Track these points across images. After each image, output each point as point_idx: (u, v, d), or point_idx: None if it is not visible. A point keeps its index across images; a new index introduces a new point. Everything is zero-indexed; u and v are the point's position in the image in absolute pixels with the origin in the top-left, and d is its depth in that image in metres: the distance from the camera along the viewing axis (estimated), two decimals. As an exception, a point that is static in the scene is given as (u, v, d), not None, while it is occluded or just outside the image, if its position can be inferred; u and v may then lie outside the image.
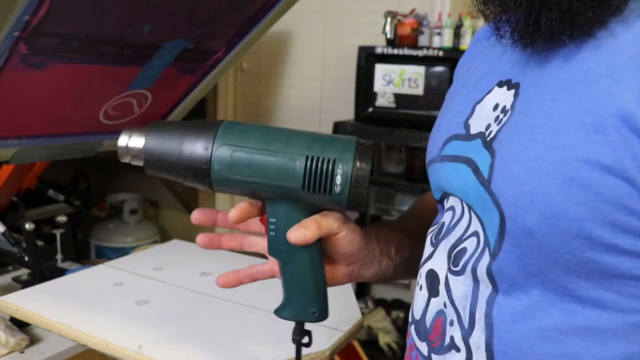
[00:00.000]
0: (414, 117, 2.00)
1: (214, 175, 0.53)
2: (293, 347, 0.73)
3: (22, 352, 0.92)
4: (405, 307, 2.31)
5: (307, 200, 0.53)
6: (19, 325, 0.95)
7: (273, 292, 0.92)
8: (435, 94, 1.97)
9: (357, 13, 2.41)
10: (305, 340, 0.59)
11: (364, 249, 0.60)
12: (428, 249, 0.57)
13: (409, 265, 0.65)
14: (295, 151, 0.52)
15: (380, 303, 2.33)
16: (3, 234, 1.14)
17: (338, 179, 0.52)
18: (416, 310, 0.56)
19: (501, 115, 0.49)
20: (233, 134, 0.53)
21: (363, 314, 1.83)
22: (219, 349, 0.74)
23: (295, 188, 0.52)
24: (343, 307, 0.88)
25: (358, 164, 0.52)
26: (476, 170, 0.49)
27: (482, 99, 0.53)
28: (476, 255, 0.49)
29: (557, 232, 0.42)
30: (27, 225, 1.12)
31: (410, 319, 0.58)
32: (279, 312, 0.58)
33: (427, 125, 2.12)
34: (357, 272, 0.62)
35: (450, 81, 0.74)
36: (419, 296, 0.56)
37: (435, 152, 0.57)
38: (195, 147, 0.53)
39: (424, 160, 0.66)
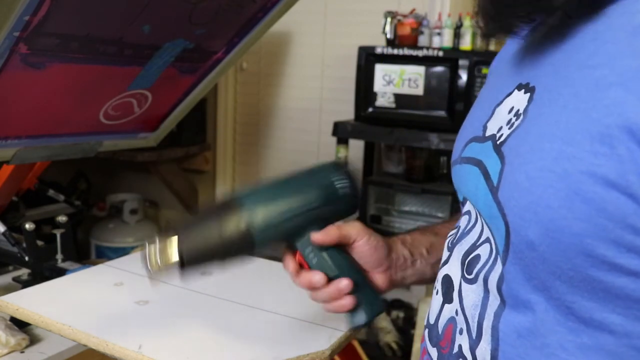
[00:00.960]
0: (414, 117, 2.00)
1: (258, 242, 0.61)
2: (293, 347, 0.73)
3: (22, 352, 0.92)
4: (405, 307, 2.31)
5: (326, 215, 0.64)
6: (19, 325, 0.95)
7: (273, 292, 0.92)
8: (435, 94, 1.97)
9: (357, 13, 2.41)
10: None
11: (390, 254, 0.66)
12: (445, 253, 0.58)
13: None
14: (303, 185, 0.64)
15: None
16: (3, 234, 1.14)
17: (338, 184, 0.64)
18: (431, 315, 0.57)
19: (514, 119, 0.47)
20: (255, 205, 0.61)
21: (363, 314, 1.83)
22: (219, 349, 0.74)
23: (317, 206, 0.63)
24: (343, 307, 0.88)
25: (345, 170, 0.66)
26: (486, 175, 0.48)
27: (502, 101, 0.51)
28: (489, 264, 0.48)
29: (560, 246, 0.40)
30: (27, 225, 1.12)
31: (425, 323, 0.59)
32: (354, 323, 0.66)
33: (427, 125, 2.14)
34: (394, 276, 0.67)
35: (451, 81, 0.83)
36: (435, 301, 0.57)
37: (457, 154, 0.57)
38: (232, 233, 0.60)
39: (424, 160, 0.73)
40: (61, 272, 1.10)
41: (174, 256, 0.59)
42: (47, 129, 1.10)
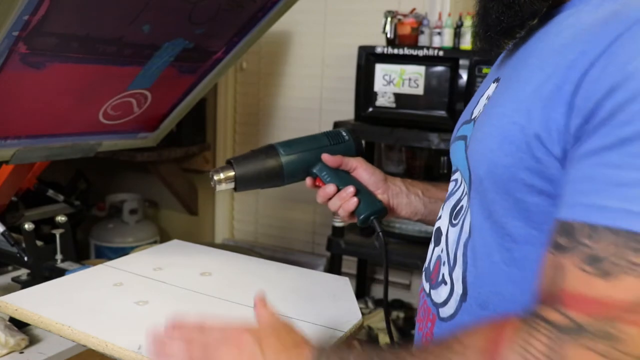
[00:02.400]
0: (414, 117, 2.00)
1: (287, 170, 0.87)
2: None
3: (21, 353, 0.92)
4: (405, 307, 2.31)
5: (334, 152, 0.90)
6: (19, 325, 0.94)
7: (272, 293, 0.92)
8: (435, 93, 1.97)
9: (357, 13, 2.40)
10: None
11: (387, 182, 0.89)
12: (439, 213, 0.74)
13: (439, 207, 0.79)
14: (316, 135, 0.92)
15: (380, 303, 2.33)
16: (2, 234, 1.13)
17: (344, 134, 0.92)
18: (427, 260, 0.74)
19: (486, 102, 0.67)
20: (285, 145, 0.89)
21: (363, 314, 1.83)
22: (218, 349, 0.74)
23: (326, 144, 0.90)
24: (343, 308, 0.88)
25: (350, 128, 0.95)
26: (465, 143, 0.67)
27: (484, 93, 0.70)
28: (465, 209, 0.65)
29: (496, 177, 0.57)
30: (26, 226, 1.12)
31: (423, 268, 0.75)
32: (360, 219, 0.87)
33: (427, 125, 2.13)
34: (391, 201, 0.89)
35: (451, 81, 1.02)
36: (429, 249, 0.74)
37: (454, 135, 0.76)
38: (269, 164, 0.87)
39: (424, 160, 0.97)
40: (60, 273, 1.10)
41: (231, 178, 0.85)
42: (47, 129, 1.10)
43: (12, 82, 0.92)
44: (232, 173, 0.85)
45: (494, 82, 0.68)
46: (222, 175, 0.85)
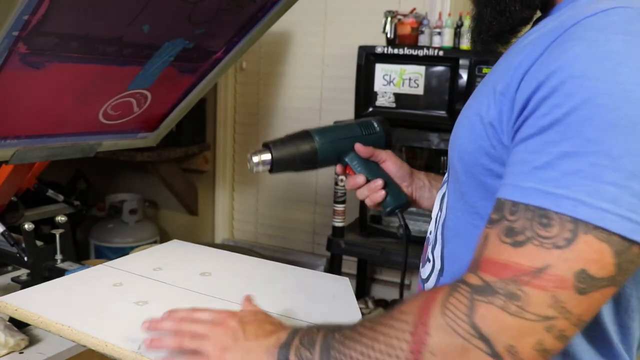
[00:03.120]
0: (414, 117, 2.00)
1: (320, 156, 0.91)
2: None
3: (21, 353, 0.92)
4: (405, 307, 2.31)
5: (366, 142, 0.93)
6: (18, 325, 0.94)
7: (272, 293, 0.92)
8: (435, 93, 1.96)
9: (357, 13, 2.40)
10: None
11: (412, 175, 0.95)
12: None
13: None
14: (349, 123, 0.96)
15: (380, 303, 2.33)
16: (2, 234, 1.13)
17: (375, 125, 0.96)
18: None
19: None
20: (320, 132, 0.92)
21: (363, 314, 1.83)
22: (218, 349, 0.74)
23: (359, 134, 0.94)
24: (343, 308, 0.88)
25: (381, 118, 0.98)
26: None
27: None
28: (445, 193, 0.73)
29: (464, 163, 0.64)
30: (26, 226, 1.12)
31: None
32: (386, 209, 0.92)
33: (427, 125, 2.13)
34: (415, 193, 0.95)
35: (451, 81, 1.08)
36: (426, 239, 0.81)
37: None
38: (304, 148, 0.90)
39: (424, 160, 1.04)
40: (60, 273, 1.09)
41: (269, 160, 0.88)
42: (46, 129, 1.10)
43: (11, 82, 0.92)
44: (269, 156, 0.88)
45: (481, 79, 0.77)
46: (261, 158, 0.88)
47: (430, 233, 0.78)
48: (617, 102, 0.50)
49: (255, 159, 0.88)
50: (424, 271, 0.77)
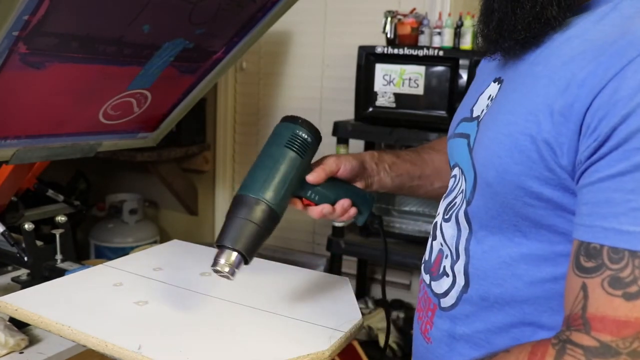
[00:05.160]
0: (414, 117, 2.00)
1: (279, 211, 0.77)
2: (293, 347, 0.73)
3: (21, 353, 0.92)
4: (405, 307, 2.31)
5: (308, 160, 0.82)
6: (18, 325, 0.94)
7: (272, 293, 0.92)
8: (435, 93, 1.97)
9: (357, 13, 2.40)
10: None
11: (362, 166, 0.87)
12: (438, 209, 0.77)
13: (404, 181, 0.90)
14: (281, 152, 0.80)
15: (380, 303, 2.33)
16: (2, 234, 1.13)
17: (305, 135, 0.81)
18: (426, 254, 0.78)
19: (489, 102, 0.68)
20: (254, 188, 0.77)
21: (363, 314, 1.83)
22: (218, 349, 0.74)
23: (300, 161, 0.79)
24: (343, 308, 0.88)
25: (300, 122, 0.83)
26: (469, 142, 0.69)
27: (484, 91, 0.71)
28: (458, 206, 0.70)
29: (505, 183, 0.60)
30: (26, 226, 1.12)
31: (422, 261, 0.79)
32: (360, 220, 0.87)
33: (427, 125, 2.14)
34: (367, 181, 0.88)
35: (451, 81, 1.01)
36: (428, 243, 0.78)
37: (452, 131, 0.78)
38: (260, 215, 0.75)
39: None
40: (60, 273, 1.10)
41: (238, 258, 0.75)
42: (47, 129, 1.10)
43: (12, 82, 0.92)
44: (232, 253, 0.74)
45: (495, 82, 0.69)
46: (225, 263, 0.74)
47: (441, 244, 0.73)
48: None
49: (221, 267, 0.74)
50: (439, 285, 0.72)
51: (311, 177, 0.81)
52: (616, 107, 0.49)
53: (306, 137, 0.81)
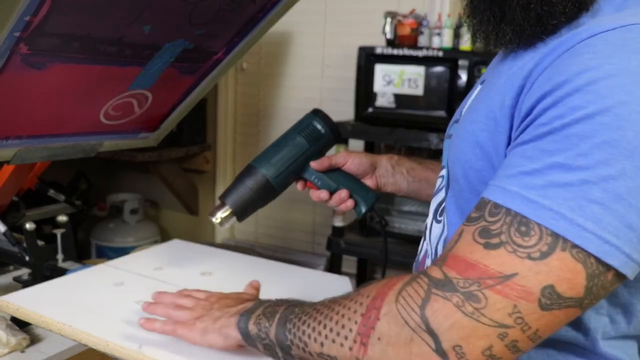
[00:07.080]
0: (414, 117, 2.00)
1: (277, 185, 0.88)
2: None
3: (22, 352, 0.92)
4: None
5: (318, 150, 0.90)
6: (20, 324, 0.95)
7: (272, 293, 0.92)
8: (435, 94, 1.97)
9: (357, 13, 2.41)
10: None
11: (373, 165, 0.92)
12: (429, 209, 0.78)
13: (423, 187, 0.92)
14: (293, 137, 0.90)
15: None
16: (4, 233, 1.14)
17: (319, 127, 0.91)
18: (418, 254, 0.80)
19: (470, 103, 0.70)
20: (265, 163, 0.88)
21: (363, 313, 1.83)
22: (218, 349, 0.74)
23: (307, 147, 0.89)
24: (343, 307, 0.88)
25: (319, 115, 0.92)
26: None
27: (473, 93, 0.73)
28: (445, 208, 0.70)
29: (469, 179, 0.62)
30: (27, 225, 1.12)
31: (415, 261, 0.82)
32: (359, 213, 0.90)
33: (427, 125, 2.14)
34: (378, 181, 0.92)
35: (450, 81, 1.04)
36: (420, 243, 0.80)
37: (446, 133, 0.80)
38: (257, 185, 0.86)
39: None
40: (61, 272, 1.10)
41: (231, 214, 0.86)
42: (48, 129, 1.11)
43: (13, 82, 0.93)
44: (228, 210, 0.86)
45: (480, 84, 0.71)
46: (220, 216, 0.86)
47: (427, 244, 0.75)
48: (621, 122, 0.48)
49: (216, 219, 0.86)
50: None
51: (314, 164, 0.89)
52: (539, 90, 0.53)
53: (320, 128, 0.90)
